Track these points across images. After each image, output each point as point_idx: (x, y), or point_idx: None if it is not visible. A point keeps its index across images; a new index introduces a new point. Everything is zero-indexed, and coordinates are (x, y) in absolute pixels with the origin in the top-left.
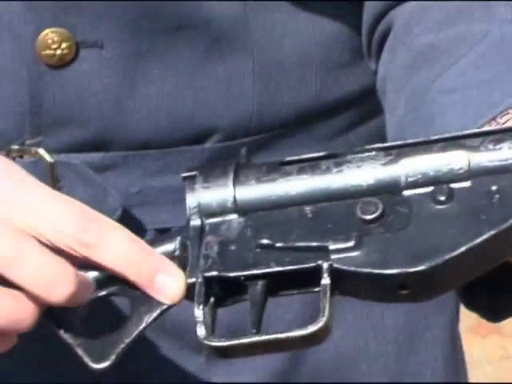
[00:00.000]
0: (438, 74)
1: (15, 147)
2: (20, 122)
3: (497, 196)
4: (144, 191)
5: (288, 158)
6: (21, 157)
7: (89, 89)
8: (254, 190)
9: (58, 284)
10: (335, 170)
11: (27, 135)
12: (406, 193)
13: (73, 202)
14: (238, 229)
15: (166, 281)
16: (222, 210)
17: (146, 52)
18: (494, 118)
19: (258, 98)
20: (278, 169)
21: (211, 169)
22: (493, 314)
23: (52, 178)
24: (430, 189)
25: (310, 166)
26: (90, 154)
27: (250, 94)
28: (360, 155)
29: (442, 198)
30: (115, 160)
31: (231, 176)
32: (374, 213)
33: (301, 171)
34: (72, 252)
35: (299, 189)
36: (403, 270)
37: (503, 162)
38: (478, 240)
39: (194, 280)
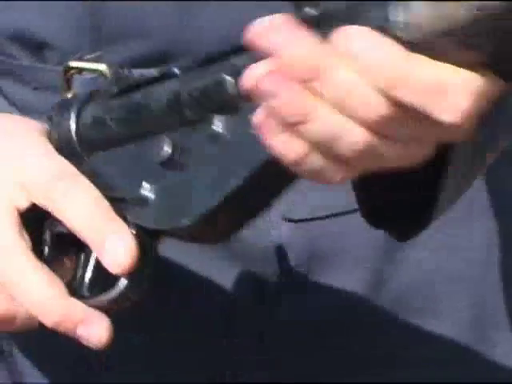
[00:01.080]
0: None
1: (74, 63)
2: (79, 37)
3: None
4: None
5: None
6: (80, 73)
7: (150, 1)
8: (90, 130)
9: (51, 304)
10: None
11: (86, 50)
12: (189, 126)
13: (57, 158)
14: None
15: (115, 247)
16: (72, 153)
17: None
18: None
19: None
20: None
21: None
22: (399, 233)
23: None
24: (206, 124)
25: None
26: (153, 69)
27: None
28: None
29: (216, 131)
30: None
31: (73, 117)
32: (163, 155)
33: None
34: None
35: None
36: (168, 226)
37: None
38: (228, 191)
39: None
